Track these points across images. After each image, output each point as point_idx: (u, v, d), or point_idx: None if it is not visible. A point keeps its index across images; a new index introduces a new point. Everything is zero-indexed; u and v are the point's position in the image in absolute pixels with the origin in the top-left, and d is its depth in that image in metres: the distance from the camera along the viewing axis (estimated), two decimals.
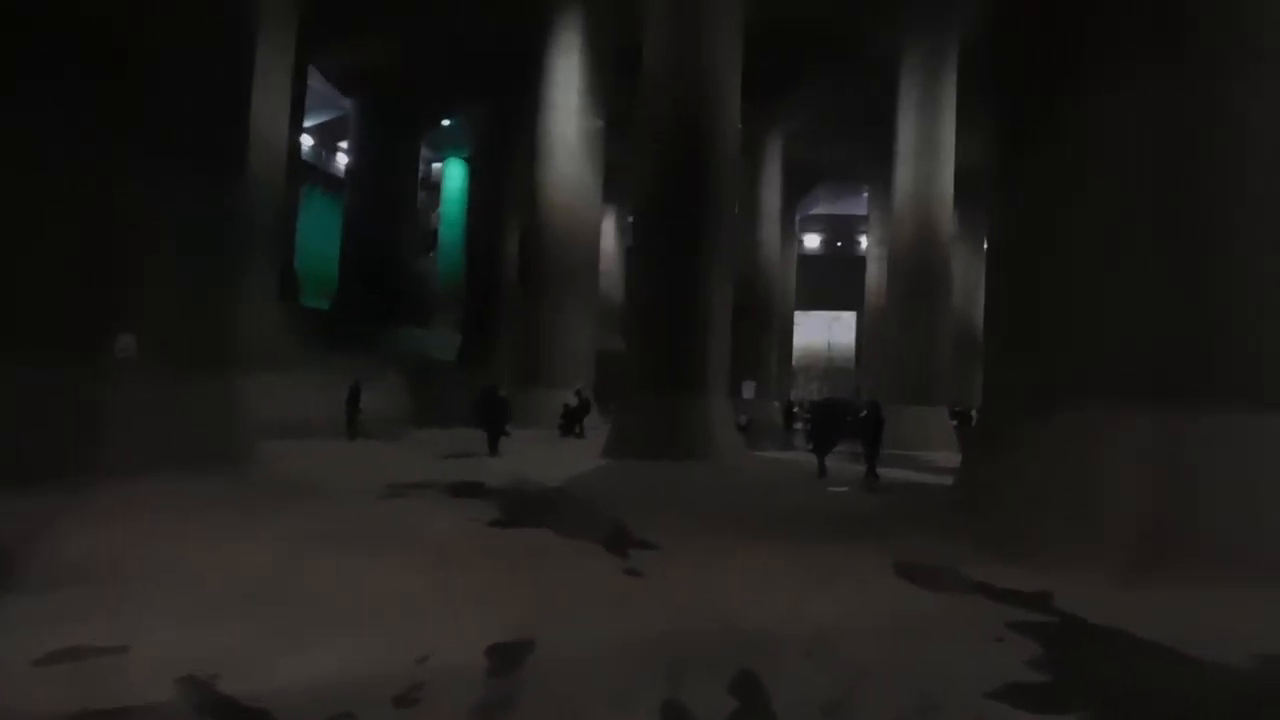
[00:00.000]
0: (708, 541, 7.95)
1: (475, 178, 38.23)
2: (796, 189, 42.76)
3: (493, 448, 16.74)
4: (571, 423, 22.65)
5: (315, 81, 35.91)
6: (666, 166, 17.15)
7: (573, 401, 23.13)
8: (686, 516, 9.40)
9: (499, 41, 29.67)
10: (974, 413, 30.47)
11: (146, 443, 9.95)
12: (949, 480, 15.04)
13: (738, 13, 18.06)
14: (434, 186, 48.52)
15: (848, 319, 52.33)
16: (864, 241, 49.05)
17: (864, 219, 47.66)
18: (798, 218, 47.93)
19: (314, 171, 42.79)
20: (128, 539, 6.84)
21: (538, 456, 16.23)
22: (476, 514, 8.87)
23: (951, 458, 21.26)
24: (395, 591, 5.77)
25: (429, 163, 48.66)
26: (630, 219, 42.54)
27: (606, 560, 7.01)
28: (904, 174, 24.82)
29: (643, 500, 10.56)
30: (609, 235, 41.64)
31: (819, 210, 53.11)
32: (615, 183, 30.96)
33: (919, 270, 24.55)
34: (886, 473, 16.26)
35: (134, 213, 10.30)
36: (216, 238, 11.34)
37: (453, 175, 45.43)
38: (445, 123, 41.26)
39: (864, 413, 31.74)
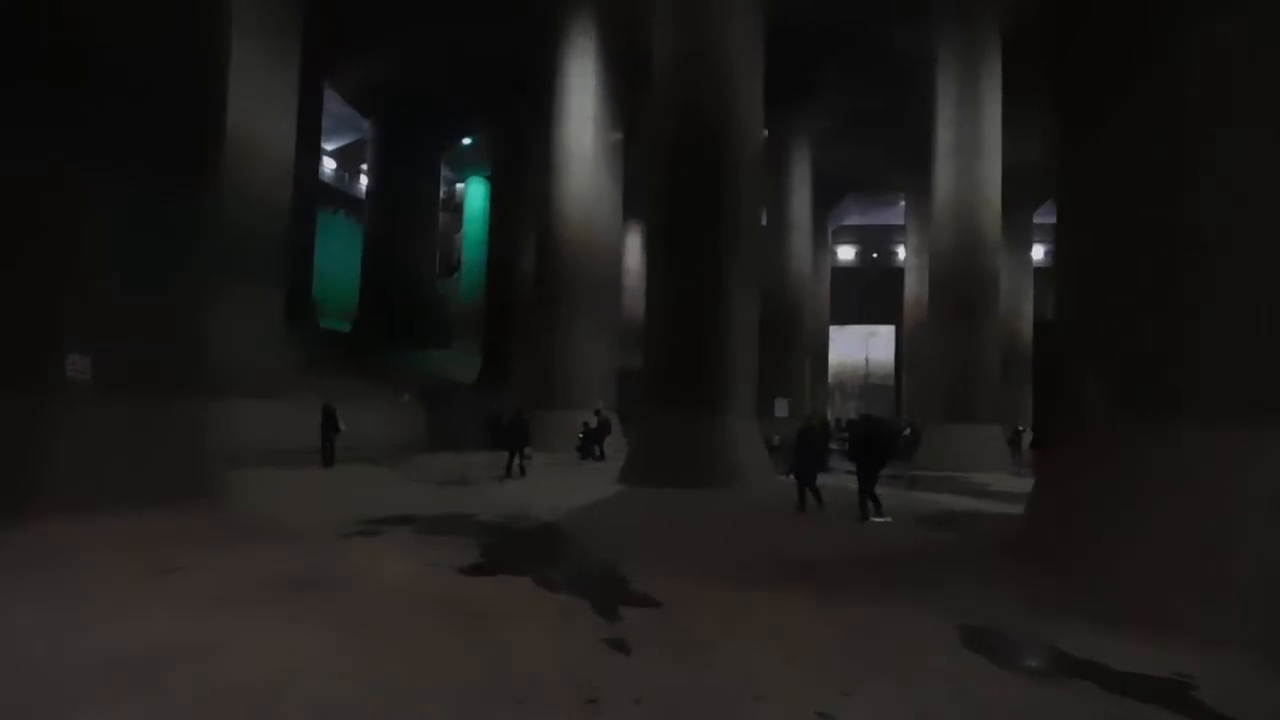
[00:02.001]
0: (723, 595, 6.48)
1: (495, 195, 37.36)
2: (827, 199, 41.40)
3: (509, 471, 16.03)
4: (590, 444, 21.43)
5: (335, 104, 35.51)
6: (680, 167, 15.86)
7: (592, 422, 21.92)
8: (701, 559, 7.94)
9: (514, 53, 28.80)
10: (1022, 430, 28.89)
11: (99, 476, 8.91)
12: (1005, 508, 13.59)
13: (755, 7, 16.82)
14: (457, 208, 47.91)
15: (885, 333, 50.52)
16: (901, 252, 47.47)
17: (900, 229, 46.07)
18: (830, 229, 46.44)
19: (336, 195, 42.33)
20: (16, 592, 5.74)
21: (546, 483, 14.96)
22: (450, 557, 7.52)
23: (1003, 480, 19.73)
24: (285, 680, 4.39)
25: (451, 184, 48.08)
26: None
27: (589, 624, 5.58)
28: (944, 175, 23.22)
29: (653, 538, 9.16)
30: (633, 252, 40.51)
31: (852, 221, 51.50)
32: (639, 197, 29.88)
33: (963, 278, 22.90)
34: (932, 498, 14.80)
35: (82, 224, 9.28)
36: (185, 254, 10.28)
37: (475, 195, 44.72)
38: (465, 142, 40.60)
39: (906, 431, 30.64)
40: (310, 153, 28.79)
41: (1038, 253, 43.67)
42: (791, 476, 11.64)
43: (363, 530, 8.99)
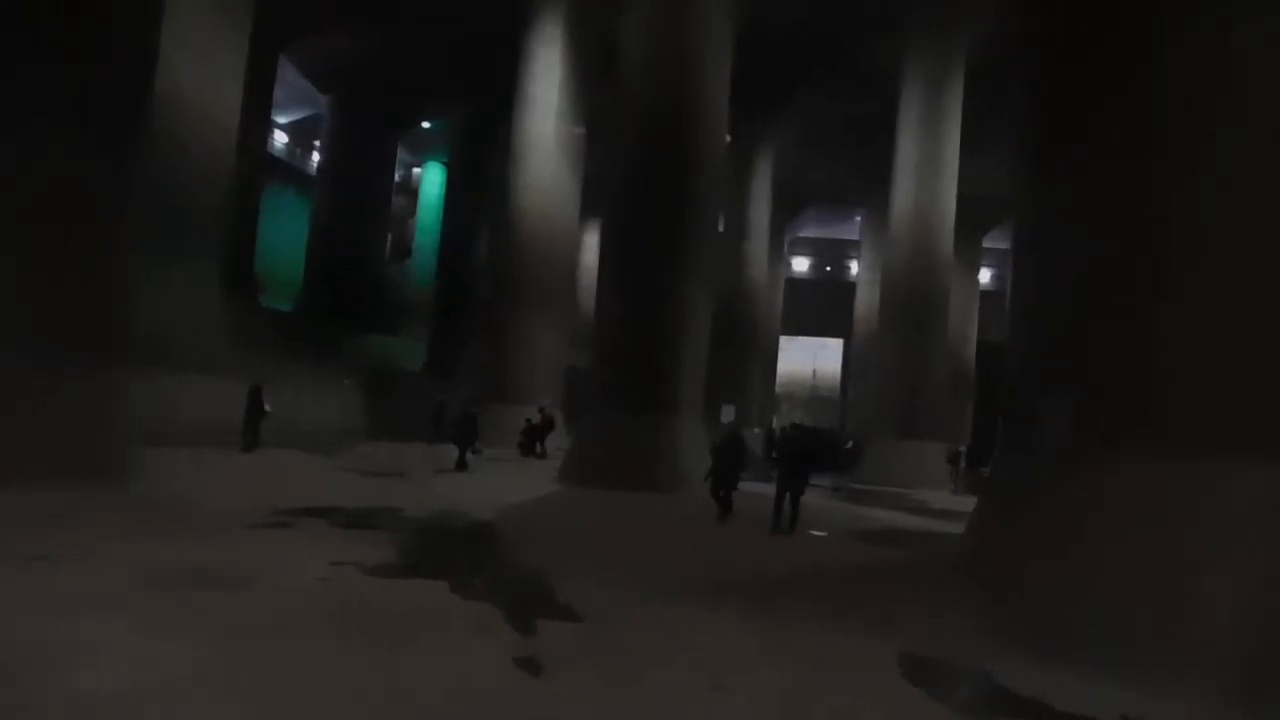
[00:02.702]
0: (653, 609, 6.11)
1: (452, 182, 36.63)
2: (786, 209, 41.41)
3: (459, 465, 15.93)
4: (532, 441, 20.99)
5: (291, 76, 34.42)
6: (641, 162, 15.54)
7: (535, 418, 21.47)
8: (635, 568, 7.56)
9: (480, 37, 28.18)
10: (962, 450, 29.14)
11: None
12: (947, 527, 13.48)
13: (728, 12, 16.58)
14: (413, 193, 46.94)
15: (834, 346, 50.73)
16: (854, 266, 47.76)
17: (855, 244, 46.33)
18: (787, 240, 46.52)
19: (287, 170, 40.99)
20: None
21: (484, 478, 14.51)
22: (363, 556, 6.98)
23: (943, 498, 19.79)
24: (137, 701, 3.76)
25: (408, 167, 47.09)
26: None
27: (501, 640, 5.12)
28: (903, 191, 23.28)
29: (586, 543, 8.77)
30: (590, 250, 40.05)
31: (808, 233, 51.68)
32: (598, 196, 29.54)
33: (915, 296, 23.00)
34: (873, 514, 14.68)
35: None
36: (101, 212, 9.62)
37: (431, 180, 43.85)
38: (425, 125, 39.73)
39: (849, 444, 30.71)
40: (259, 124, 27.78)
41: (985, 276, 44.39)
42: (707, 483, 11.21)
43: (274, 522, 8.40)
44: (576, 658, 4.94)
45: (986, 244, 41.51)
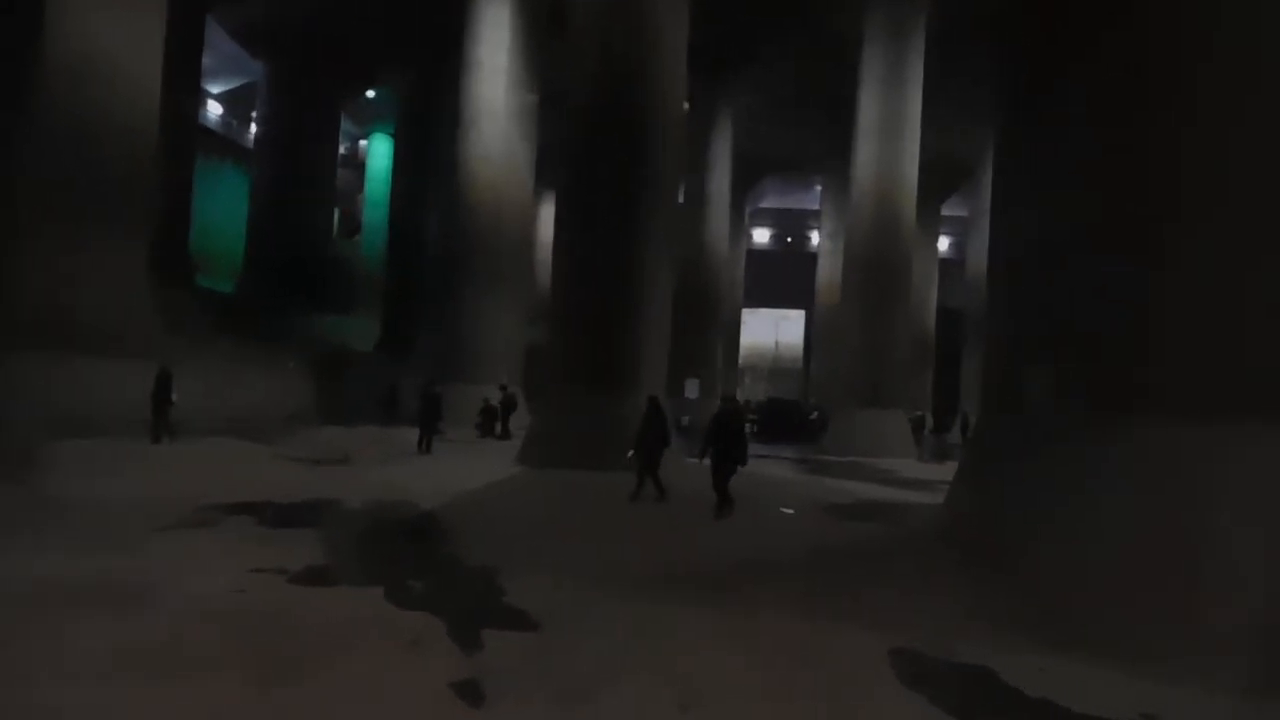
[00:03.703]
0: (616, 610, 5.36)
1: (399, 153, 35.20)
2: (746, 180, 40.75)
3: (421, 447, 15.67)
4: (490, 422, 20.14)
5: (224, 43, 32.73)
6: (595, 120, 14.62)
7: (494, 398, 20.62)
8: (595, 561, 6.81)
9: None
10: (921, 415, 28.94)
11: None
12: (919, 497, 12.96)
13: None
14: (360, 165, 45.36)
15: (796, 318, 50.37)
16: (815, 237, 47.31)
17: (815, 214, 45.83)
18: (747, 210, 45.86)
19: (222, 143, 39.11)
20: None
21: (438, 463, 13.67)
22: (289, 559, 6.14)
23: (911, 467, 19.37)
24: None
25: (354, 139, 45.46)
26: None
27: (439, 658, 4.35)
28: (865, 155, 22.62)
29: (544, 533, 7.96)
30: (546, 224, 38.98)
31: (768, 204, 51.11)
32: (554, 169, 28.50)
33: (878, 263, 22.43)
34: (842, 485, 14.11)
35: None
36: None
37: (378, 153, 42.33)
38: (370, 94, 38.22)
39: (814, 415, 30.34)
40: (188, 92, 26.17)
41: (943, 244, 44.31)
42: (706, 462, 9.77)
43: (193, 520, 7.50)
44: (525, 677, 4.20)
45: (945, 211, 41.29)
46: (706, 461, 9.55)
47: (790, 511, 10.50)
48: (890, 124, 22.23)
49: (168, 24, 17.35)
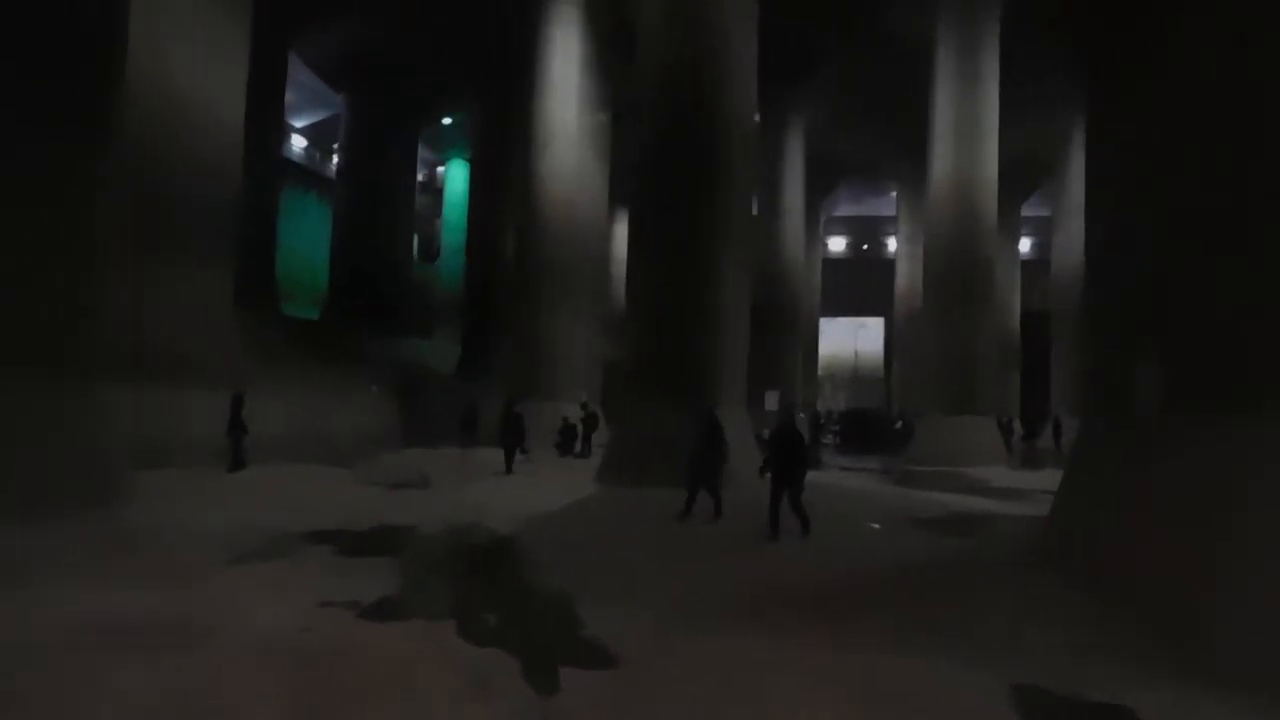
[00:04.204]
0: (703, 645, 5.00)
1: (476, 176, 35.70)
2: (820, 187, 40.07)
3: (509, 468, 15.57)
4: (571, 440, 20.02)
5: (306, 78, 33.79)
6: (667, 134, 14.46)
7: (574, 415, 20.52)
8: (679, 587, 6.50)
9: (497, 24, 27.20)
10: (1009, 421, 27.79)
11: None
12: (1015, 508, 12.27)
13: None
14: (437, 191, 46.26)
15: (874, 325, 49.34)
16: (891, 244, 46.31)
17: (891, 220, 44.91)
18: (822, 219, 45.11)
19: (306, 174, 40.43)
20: None
21: (515, 484, 13.56)
22: (359, 591, 5.95)
23: (1003, 475, 18.51)
24: None
25: (431, 166, 46.38)
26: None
27: (513, 702, 4.07)
28: (942, 157, 21.95)
29: (624, 556, 7.69)
30: (621, 241, 38.98)
31: (842, 212, 50.24)
32: (629, 185, 28.47)
33: (959, 266, 21.70)
34: (931, 497, 13.50)
35: None
36: (68, 215, 8.72)
37: (455, 177, 43.08)
38: (446, 121, 38.93)
39: (898, 424, 29.44)
40: (273, 126, 27.06)
41: (1024, 245, 42.84)
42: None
43: (266, 551, 7.37)
44: None
45: (1025, 212, 39.88)
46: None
47: (877, 527, 10.03)
48: (967, 124, 21.55)
49: (251, 63, 17.89)
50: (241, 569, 6.66)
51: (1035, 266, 42.36)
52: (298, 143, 41.95)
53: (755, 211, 25.64)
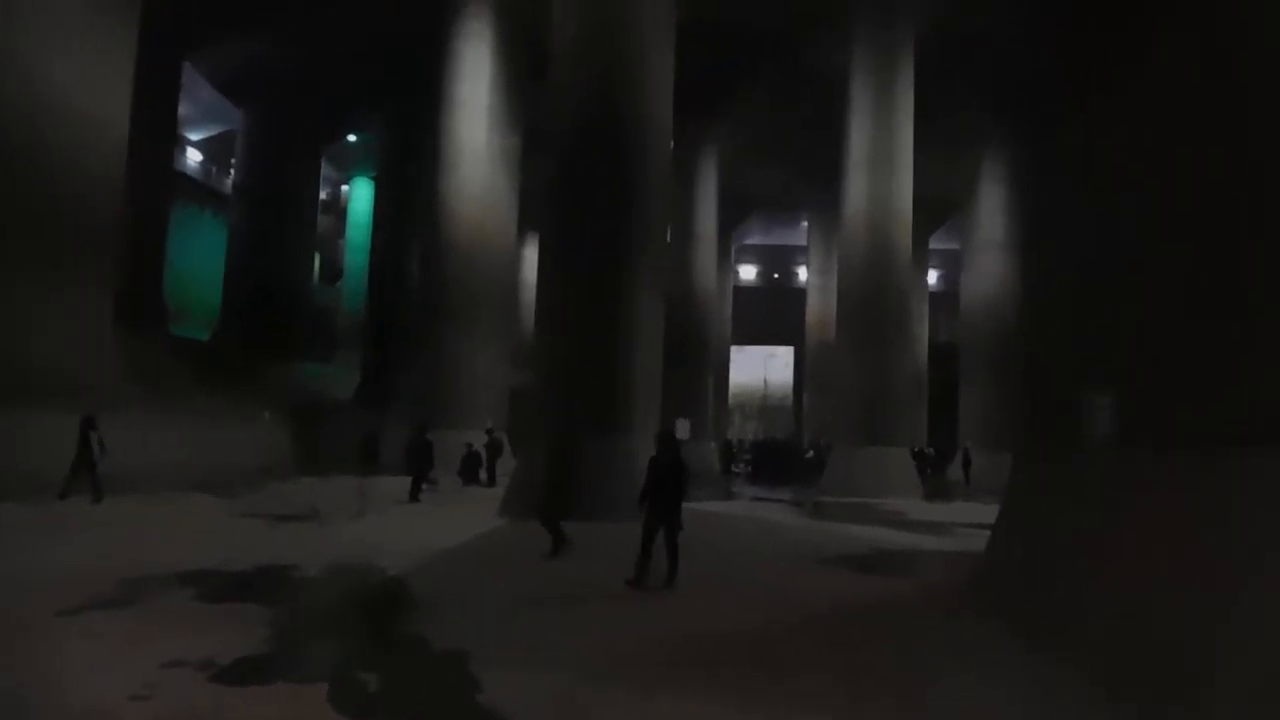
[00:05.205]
0: (616, 706, 4.39)
1: (381, 197, 34.64)
2: (732, 216, 40.27)
3: (415, 495, 15.24)
4: (474, 468, 19.25)
5: (204, 90, 32.20)
6: (580, 159, 14.07)
7: (478, 443, 19.76)
8: (587, 635, 5.87)
9: (404, 39, 26.39)
10: (930, 453, 28.14)
11: None
12: (938, 543, 12.11)
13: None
14: (341, 211, 44.82)
15: (784, 354, 49.78)
16: (803, 273, 46.91)
17: (803, 250, 45.49)
18: (734, 247, 45.43)
19: (200, 190, 38.52)
20: None
21: (413, 516, 12.77)
22: (219, 647, 4.98)
23: (919, 507, 18.53)
24: None
25: (335, 184, 44.92)
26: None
27: None
28: (856, 188, 22.21)
29: (529, 601, 6.96)
30: (532, 267, 38.36)
31: (754, 240, 50.76)
32: (539, 209, 27.90)
33: (873, 297, 21.89)
34: (848, 530, 13.25)
35: None
36: None
37: (360, 197, 41.85)
38: (351, 138, 37.75)
39: (809, 453, 29.51)
40: (164, 137, 25.63)
41: (932, 278, 43.91)
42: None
43: (111, 597, 6.31)
44: None
45: (933, 245, 40.90)
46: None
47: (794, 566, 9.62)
48: (881, 156, 21.87)
49: (142, 71, 16.80)
50: (73, 621, 5.65)
51: (942, 299, 43.45)
52: (193, 156, 39.97)
53: (668, 239, 25.49)
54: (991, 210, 28.49)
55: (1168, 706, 4.27)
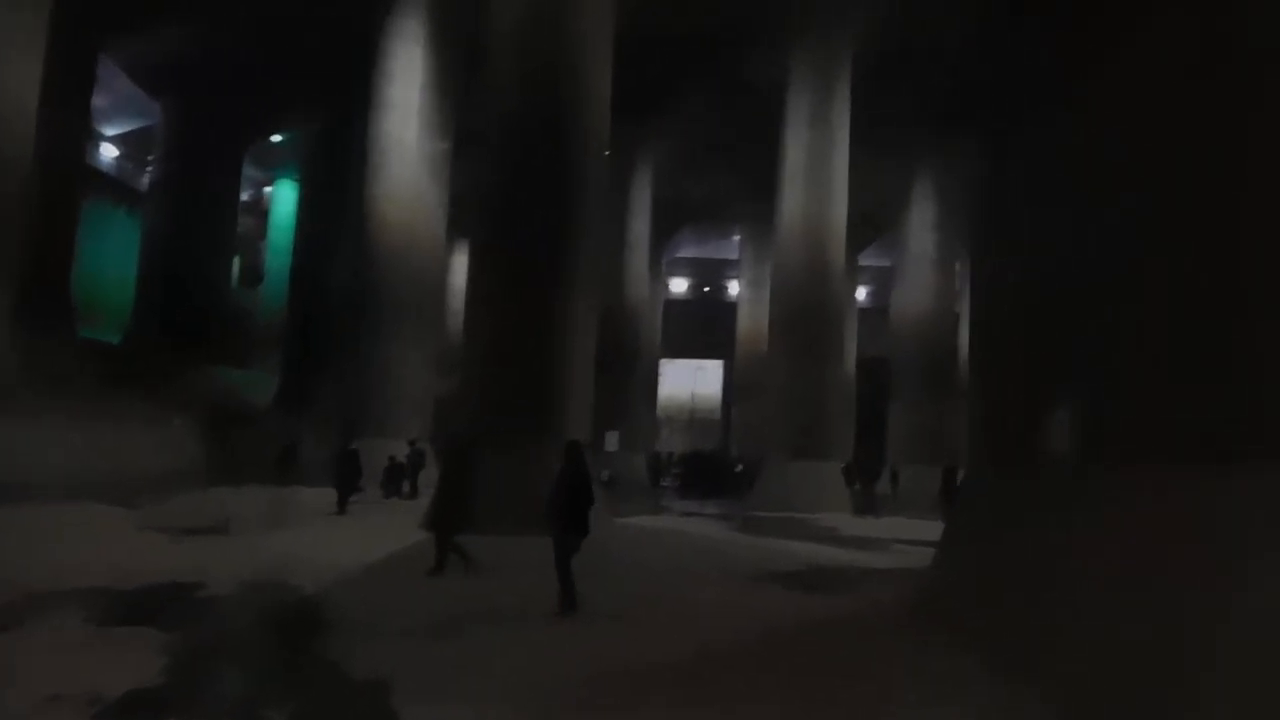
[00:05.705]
0: None
1: (305, 199, 33.63)
2: (665, 228, 40.24)
3: (341, 508, 15.09)
4: (397, 480, 18.70)
5: (121, 82, 30.81)
6: (514, 163, 13.78)
7: (401, 454, 19.19)
8: (515, 663, 5.53)
9: (333, 36, 25.66)
10: (858, 467, 28.32)
11: None
12: (873, 559, 12.06)
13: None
14: (263, 213, 43.43)
15: (712, 368, 49.95)
16: (734, 287, 47.16)
17: (734, 263, 45.75)
18: (664, 260, 45.42)
19: (114, 186, 36.76)
20: None
21: (329, 531, 12.25)
22: (109, 678, 4.51)
23: (850, 522, 18.59)
24: None
25: (258, 185, 43.50)
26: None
27: None
28: (791, 201, 22.33)
29: (453, 622, 6.59)
30: (461, 273, 37.67)
31: (685, 253, 50.84)
32: (470, 214, 27.38)
33: (807, 311, 21.98)
34: (780, 546, 13.19)
35: None
36: None
37: (283, 199, 40.54)
38: (275, 138, 36.57)
39: (739, 467, 29.53)
40: (76, 130, 24.35)
41: (861, 293, 44.56)
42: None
43: None
44: None
45: (865, 261, 41.51)
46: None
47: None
48: (817, 169, 22.02)
49: (52, 59, 15.98)
50: None
51: (870, 314, 44.09)
52: (108, 151, 38.18)
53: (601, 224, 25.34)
54: (924, 226, 28.90)
55: None
